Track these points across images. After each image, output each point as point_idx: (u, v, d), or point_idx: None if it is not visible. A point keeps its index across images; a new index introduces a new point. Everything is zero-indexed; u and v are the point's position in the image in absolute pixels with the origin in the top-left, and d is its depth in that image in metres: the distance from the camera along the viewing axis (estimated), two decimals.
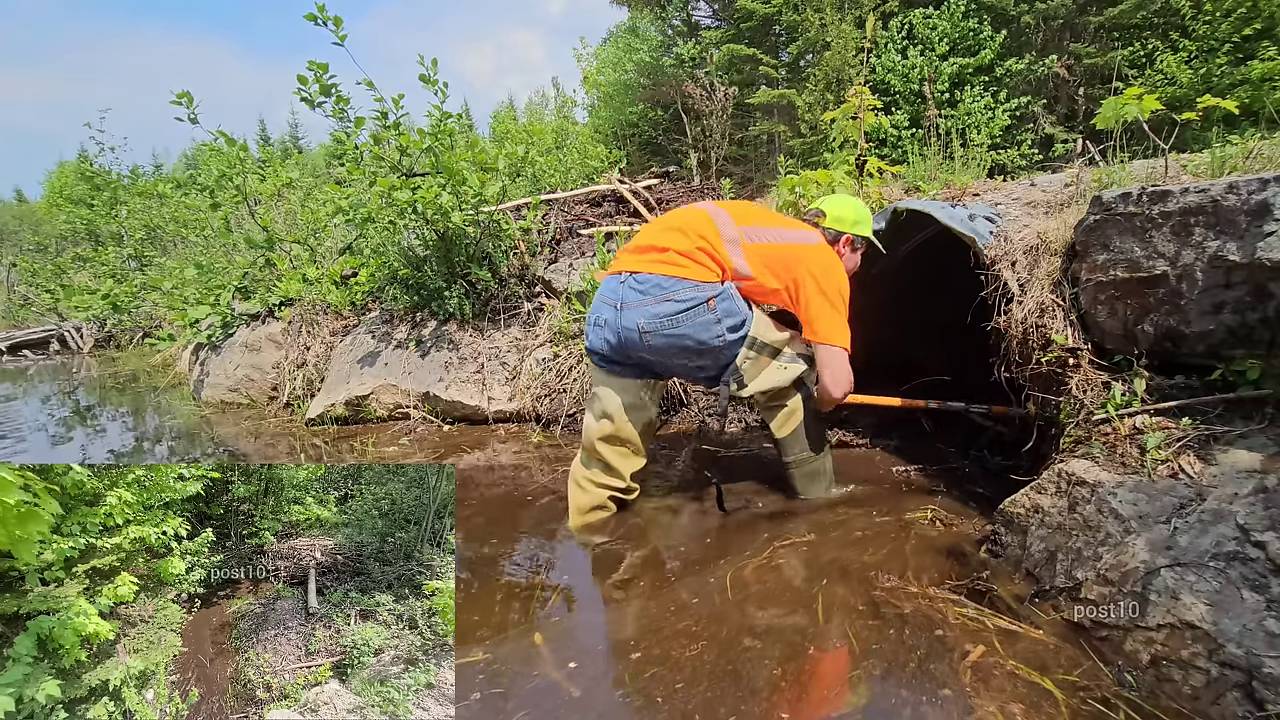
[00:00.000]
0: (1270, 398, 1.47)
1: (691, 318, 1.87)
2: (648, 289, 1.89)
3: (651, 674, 1.37)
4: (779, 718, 1.23)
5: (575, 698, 1.32)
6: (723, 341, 1.91)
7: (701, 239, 1.95)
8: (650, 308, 1.88)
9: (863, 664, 1.36)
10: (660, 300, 1.88)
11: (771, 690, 1.30)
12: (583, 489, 2.13)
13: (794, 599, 1.61)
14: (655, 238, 2.00)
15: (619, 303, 1.93)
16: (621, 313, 1.92)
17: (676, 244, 1.95)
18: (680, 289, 1.87)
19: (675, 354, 1.93)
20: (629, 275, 1.94)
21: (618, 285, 1.95)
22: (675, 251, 1.93)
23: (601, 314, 1.98)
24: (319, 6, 3.38)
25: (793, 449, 2.14)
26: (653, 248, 1.97)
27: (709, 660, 1.40)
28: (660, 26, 16.58)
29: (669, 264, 1.92)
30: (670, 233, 1.99)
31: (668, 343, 1.89)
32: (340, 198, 3.79)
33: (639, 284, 1.91)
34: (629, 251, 2.05)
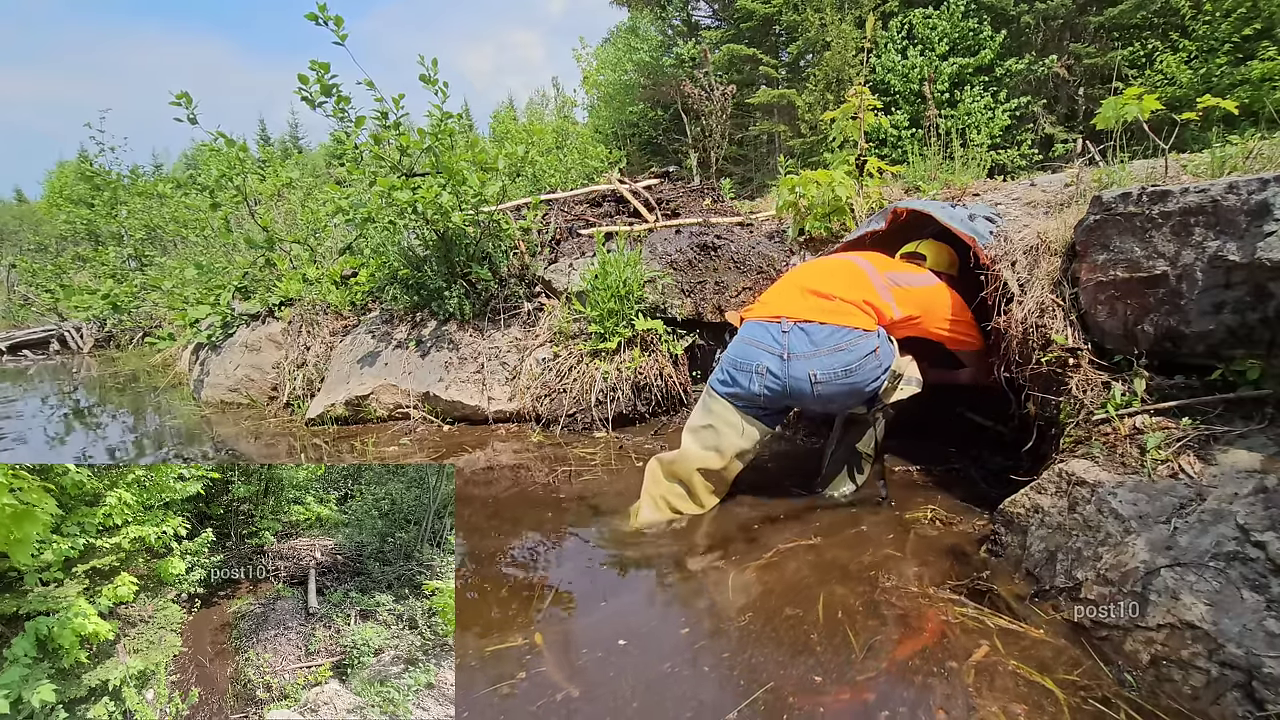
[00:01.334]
0: (1270, 398, 1.47)
1: (862, 366, 1.95)
2: (819, 340, 1.95)
3: (652, 674, 1.37)
4: (780, 718, 1.23)
5: (575, 698, 1.32)
6: (881, 382, 2.02)
7: (861, 288, 2.06)
8: (824, 359, 1.94)
9: (863, 664, 1.36)
10: (834, 351, 1.94)
11: (772, 691, 1.30)
12: (656, 506, 2.14)
13: (796, 600, 1.61)
14: (816, 283, 2.07)
15: (784, 352, 1.96)
16: (789, 363, 1.95)
17: (841, 292, 2.03)
18: (852, 339, 1.95)
19: (842, 398, 2.02)
20: (792, 324, 1.99)
21: (779, 334, 1.99)
22: (841, 300, 2.01)
23: (760, 361, 2.00)
24: (320, 6, 3.38)
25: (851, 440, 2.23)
26: (816, 293, 2.04)
27: (709, 661, 1.40)
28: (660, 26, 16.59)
29: (837, 314, 1.98)
30: (831, 280, 2.07)
31: (839, 390, 1.97)
32: (340, 198, 3.79)
33: (809, 334, 1.96)
34: (782, 295, 2.10)
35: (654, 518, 2.11)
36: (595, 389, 3.25)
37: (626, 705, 1.29)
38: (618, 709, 1.28)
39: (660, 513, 2.12)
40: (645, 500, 2.14)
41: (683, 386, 3.34)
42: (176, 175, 12.86)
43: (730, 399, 2.09)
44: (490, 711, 1.30)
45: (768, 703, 1.26)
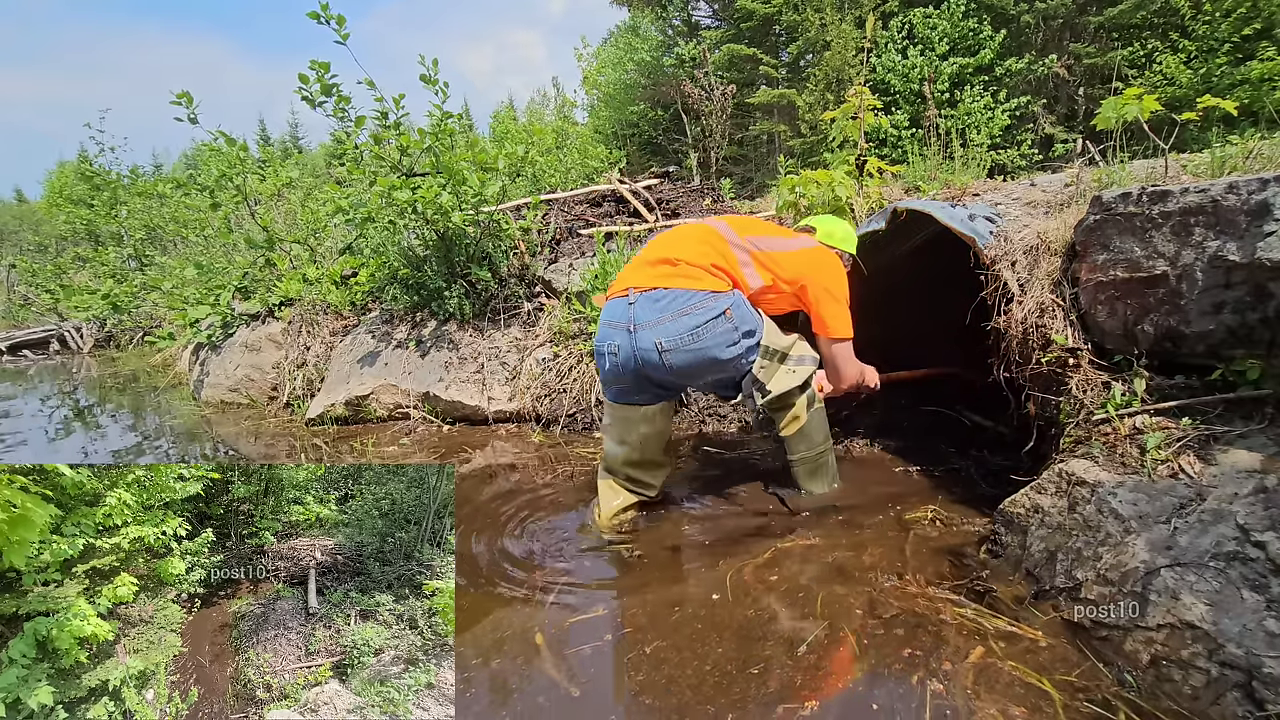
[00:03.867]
0: (1270, 398, 1.47)
1: (711, 329, 1.84)
2: (663, 305, 1.84)
3: (651, 674, 1.37)
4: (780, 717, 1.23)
5: (575, 698, 1.32)
6: (742, 349, 1.91)
7: (713, 251, 1.95)
8: (668, 325, 1.83)
9: (862, 664, 1.36)
10: (678, 315, 1.84)
11: (771, 691, 1.30)
12: (614, 489, 2.15)
13: (795, 600, 1.61)
14: (663, 251, 1.96)
15: (630, 324, 1.86)
16: (636, 335, 1.86)
17: (688, 256, 1.92)
18: (696, 300, 1.84)
19: (697, 369, 1.90)
20: (639, 294, 1.89)
21: (626, 307, 1.90)
22: (687, 264, 1.90)
23: (612, 340, 1.91)
24: (322, 5, 3.39)
25: (798, 447, 2.16)
26: (663, 260, 1.93)
27: (708, 661, 1.40)
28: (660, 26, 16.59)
29: (682, 277, 1.88)
30: (678, 246, 1.97)
31: (690, 359, 1.86)
32: (340, 198, 3.79)
33: (653, 301, 1.85)
34: (632, 268, 2.00)
35: (615, 501, 2.12)
36: (595, 389, 3.25)
37: (627, 705, 1.29)
38: (618, 709, 1.28)
39: (618, 495, 2.14)
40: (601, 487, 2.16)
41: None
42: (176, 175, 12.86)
43: (608, 392, 2.07)
44: (490, 711, 1.30)
45: (768, 702, 1.26)
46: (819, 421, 2.17)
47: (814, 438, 2.16)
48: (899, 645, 1.40)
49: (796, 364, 2.06)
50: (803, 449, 2.16)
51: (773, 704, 1.26)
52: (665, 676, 1.36)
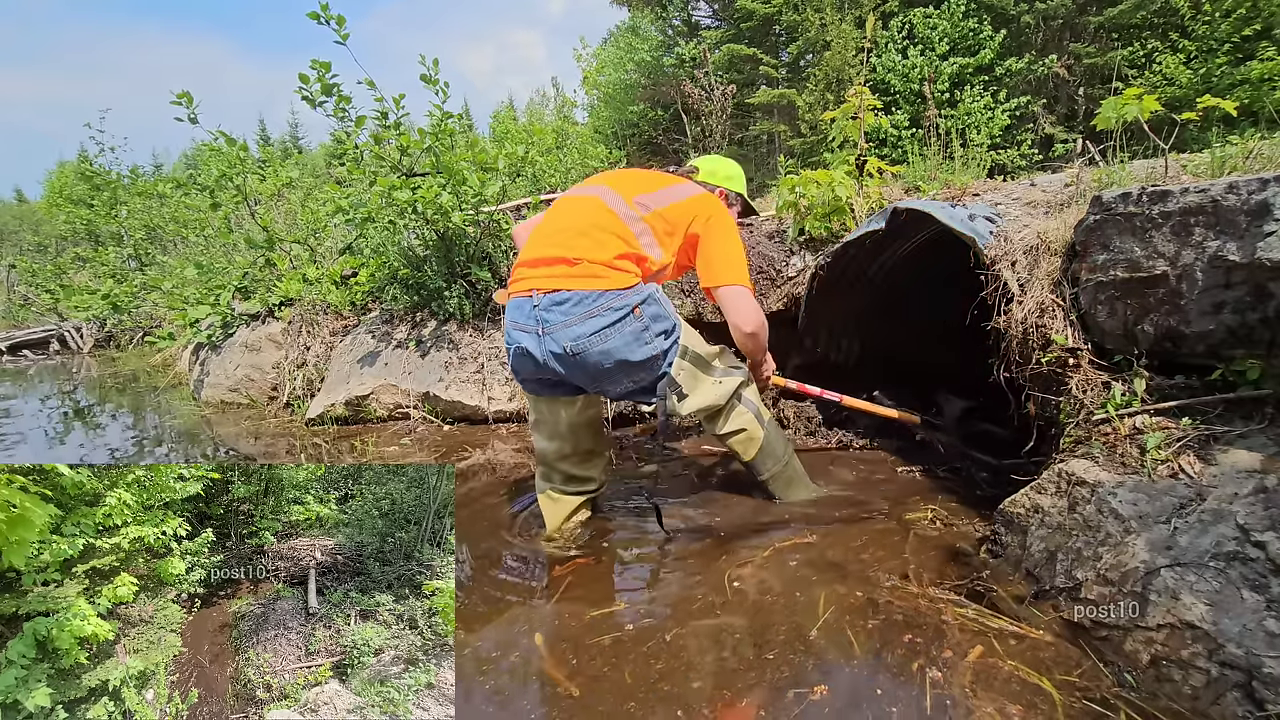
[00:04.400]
0: (1270, 398, 1.47)
1: (619, 330, 1.74)
2: (568, 308, 1.73)
3: (652, 674, 1.37)
4: (779, 717, 1.23)
5: (575, 698, 1.32)
6: (656, 349, 1.81)
7: (615, 238, 1.82)
8: (574, 328, 1.73)
9: (862, 665, 1.36)
10: (584, 318, 1.73)
11: (771, 690, 1.30)
12: (554, 500, 2.06)
13: (794, 598, 1.61)
14: (561, 247, 1.81)
15: (539, 329, 1.76)
16: (544, 339, 1.76)
17: (589, 253, 1.78)
18: (603, 301, 1.73)
19: (609, 372, 1.79)
20: (542, 295, 1.76)
21: (530, 310, 1.78)
22: (588, 261, 1.76)
23: (520, 342, 1.81)
24: (322, 5, 3.39)
25: (764, 466, 2.11)
26: (561, 260, 1.78)
27: (709, 660, 1.40)
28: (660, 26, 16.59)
29: (585, 276, 1.75)
30: (577, 238, 1.81)
31: (599, 360, 1.76)
32: (340, 198, 3.79)
33: (557, 303, 1.74)
34: (531, 264, 1.85)
35: (558, 511, 2.05)
36: None
37: (626, 705, 1.29)
38: (618, 709, 1.28)
39: (560, 505, 2.05)
40: (541, 502, 2.09)
41: None
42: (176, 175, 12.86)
43: (527, 388, 1.97)
44: (490, 711, 1.30)
45: (766, 702, 1.26)
46: (775, 433, 2.11)
47: (776, 451, 2.11)
48: (899, 644, 1.40)
49: (723, 375, 1.97)
50: (769, 465, 2.11)
51: (774, 705, 1.26)
52: (667, 676, 1.36)
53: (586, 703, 1.30)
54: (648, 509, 2.22)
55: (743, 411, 2.03)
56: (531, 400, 2.01)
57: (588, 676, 1.38)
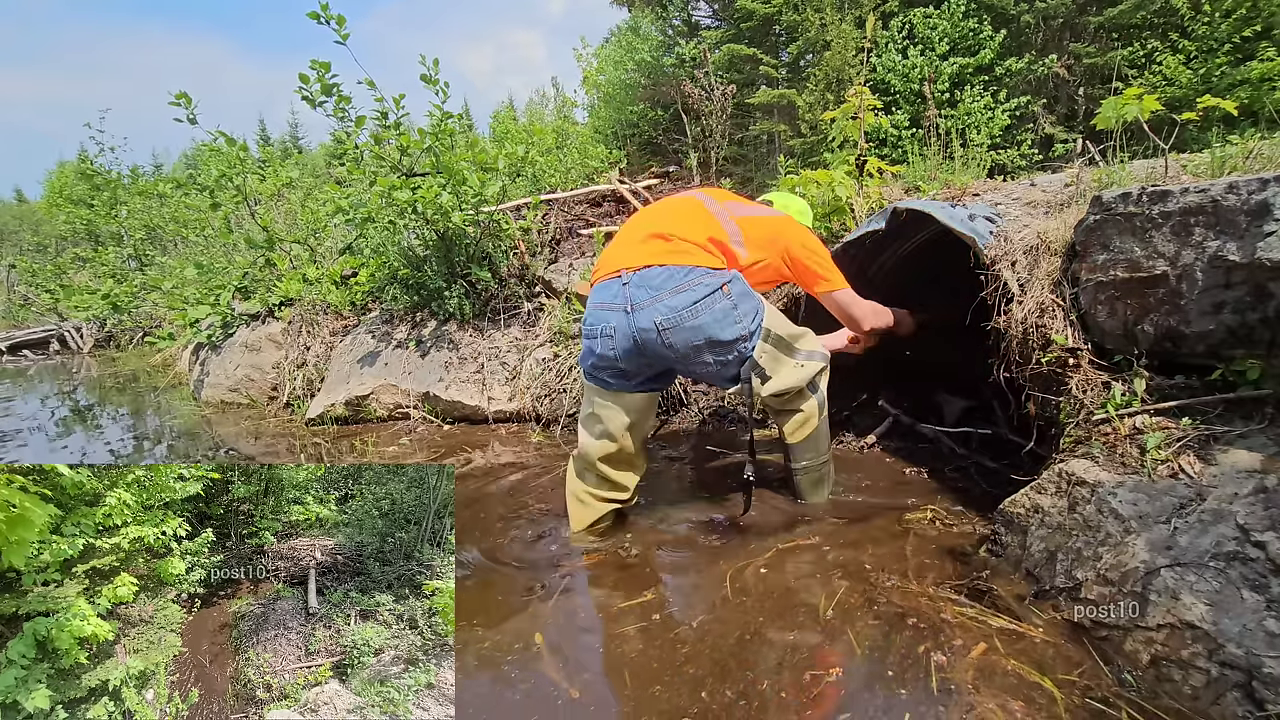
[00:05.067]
0: (1270, 398, 1.47)
1: (709, 305, 1.77)
2: (659, 283, 1.78)
3: (652, 674, 1.37)
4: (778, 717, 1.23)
5: (575, 698, 1.32)
6: (743, 330, 1.83)
7: (704, 225, 1.91)
8: (666, 302, 1.76)
9: (863, 663, 1.36)
10: (675, 292, 1.76)
11: (772, 690, 1.30)
12: (584, 503, 2.06)
13: (796, 599, 1.61)
14: (653, 226, 1.91)
15: (627, 305, 1.80)
16: (634, 315, 1.79)
17: (682, 232, 1.86)
18: (693, 277, 1.78)
19: (696, 349, 1.82)
20: (632, 273, 1.83)
21: (620, 288, 1.83)
22: (680, 239, 1.85)
23: (607, 322, 1.84)
24: (322, 5, 3.39)
25: (804, 454, 2.11)
26: (656, 236, 1.87)
27: (709, 660, 1.40)
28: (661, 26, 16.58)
29: (677, 253, 1.82)
30: (668, 221, 1.91)
31: (688, 337, 1.78)
32: (340, 198, 3.79)
33: (649, 279, 1.80)
34: (621, 247, 1.93)
35: (585, 516, 2.06)
36: None
37: (626, 705, 1.29)
38: (617, 709, 1.28)
39: (588, 509, 2.06)
40: (570, 501, 2.08)
41: (683, 386, 3.34)
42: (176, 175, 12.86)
43: (596, 379, 1.97)
44: (490, 711, 1.30)
45: (767, 701, 1.26)
46: (826, 429, 2.12)
47: (820, 445, 2.12)
48: (900, 644, 1.40)
49: (805, 358, 1.99)
50: (809, 457, 2.11)
51: (774, 705, 1.26)
52: (667, 676, 1.36)
53: (587, 703, 1.30)
54: (646, 510, 2.22)
55: (810, 396, 2.03)
56: (593, 392, 2.01)
57: (588, 677, 1.38)
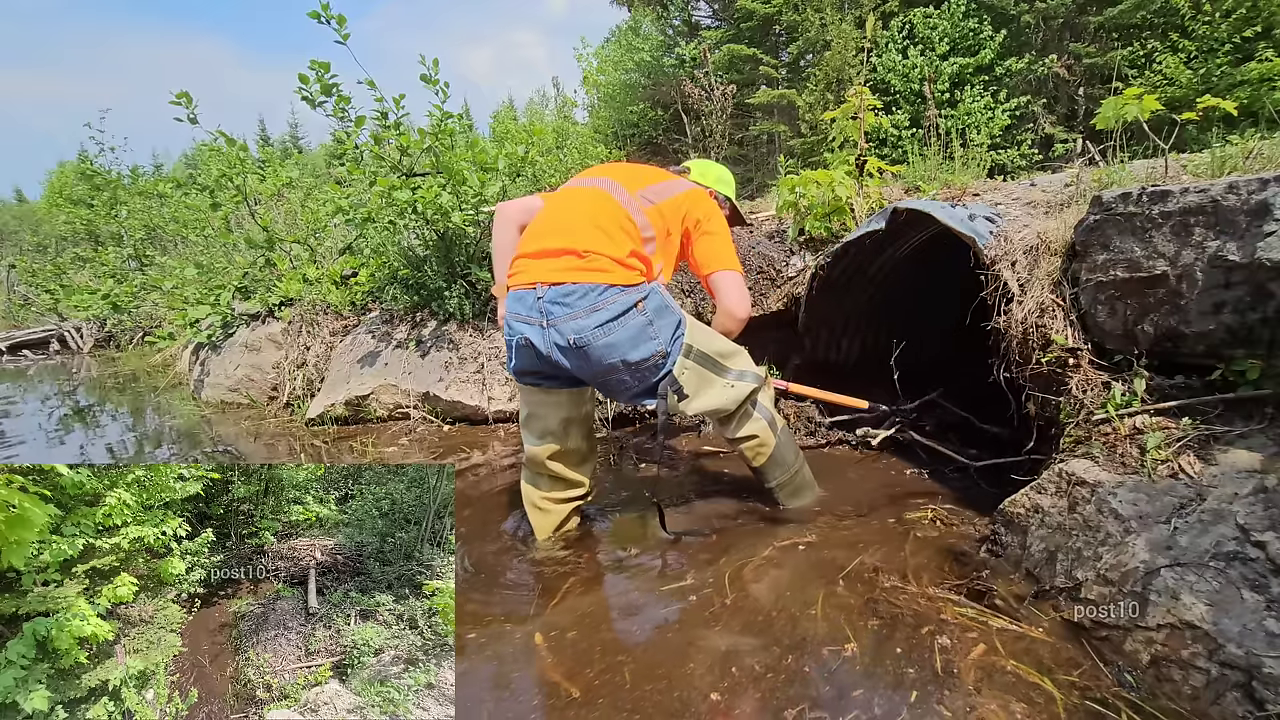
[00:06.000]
0: (1270, 398, 1.47)
1: (623, 324, 1.73)
2: (573, 301, 1.72)
3: (652, 673, 1.37)
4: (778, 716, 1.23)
5: (575, 698, 1.32)
6: (658, 346, 1.78)
7: (625, 234, 1.81)
8: (579, 320, 1.72)
9: (863, 663, 1.36)
10: (590, 311, 1.71)
11: (771, 689, 1.30)
12: (543, 510, 2.04)
13: (794, 598, 1.61)
14: (570, 238, 1.79)
15: (542, 320, 1.75)
16: (548, 331, 1.75)
17: (601, 246, 1.77)
18: (608, 295, 1.72)
19: (611, 367, 1.77)
20: (546, 288, 1.75)
21: (535, 301, 1.76)
22: (595, 253, 1.76)
23: (524, 333, 1.79)
24: (322, 5, 3.38)
25: (773, 474, 2.09)
26: (569, 251, 1.77)
27: (709, 660, 1.40)
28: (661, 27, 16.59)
29: (591, 270, 1.74)
30: (587, 231, 1.80)
31: (601, 355, 1.74)
32: (340, 198, 3.79)
33: (562, 296, 1.73)
34: (535, 256, 1.82)
35: (548, 522, 2.03)
36: None
37: (626, 705, 1.29)
38: (617, 709, 1.28)
39: (549, 516, 2.03)
40: (529, 511, 2.06)
41: None
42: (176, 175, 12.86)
43: (525, 382, 1.94)
44: (490, 711, 1.30)
45: (766, 702, 1.26)
46: (787, 442, 2.09)
47: (785, 460, 2.08)
48: (900, 644, 1.40)
49: (736, 378, 1.93)
50: (778, 474, 2.08)
51: (775, 704, 1.26)
52: (665, 676, 1.36)
53: (587, 703, 1.30)
54: (646, 511, 2.22)
55: (756, 418, 1.99)
56: (526, 394, 1.99)
57: (588, 677, 1.38)
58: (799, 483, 2.14)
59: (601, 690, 1.34)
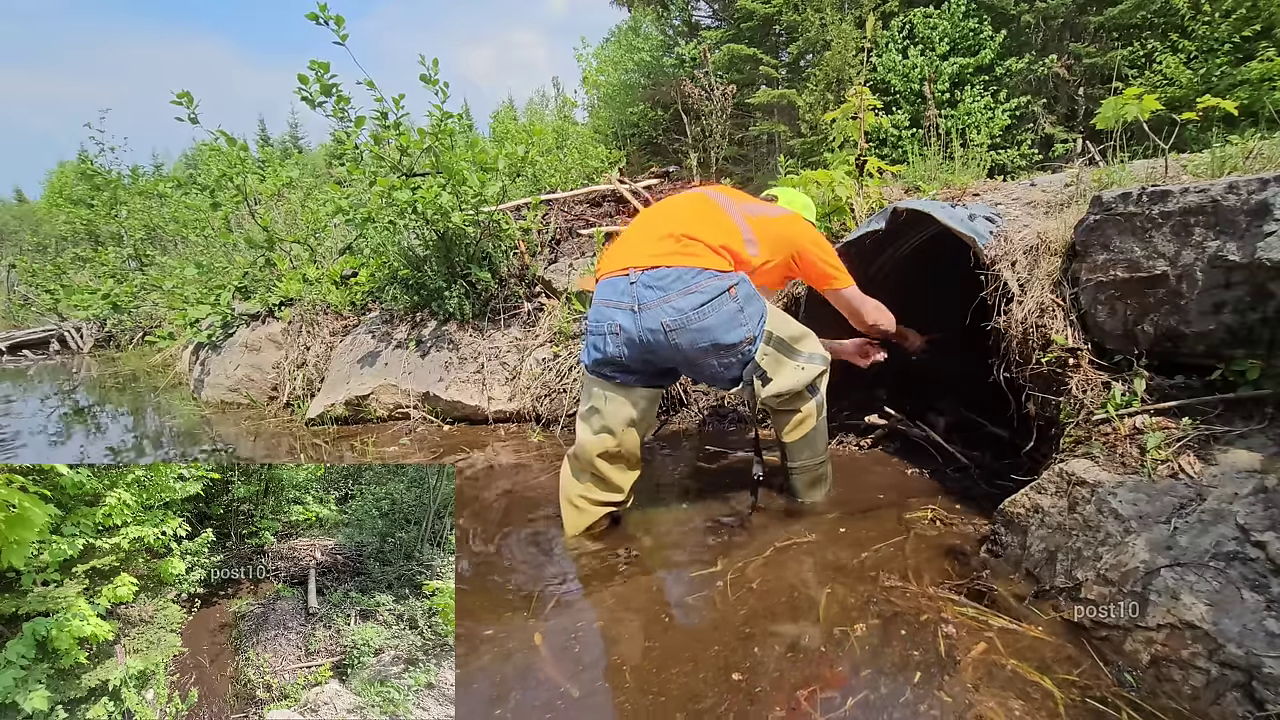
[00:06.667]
0: (1270, 398, 1.47)
1: (716, 308, 1.78)
2: (667, 284, 1.78)
3: (651, 674, 1.37)
4: (779, 717, 1.23)
5: (575, 698, 1.32)
6: (747, 333, 1.84)
7: (715, 226, 1.91)
8: (673, 303, 1.77)
9: (863, 663, 1.36)
10: (683, 294, 1.77)
11: (772, 689, 1.30)
12: (579, 509, 2.04)
13: (795, 599, 1.61)
14: (664, 226, 1.89)
15: (634, 304, 1.80)
16: (640, 315, 1.79)
17: (695, 232, 1.86)
18: (702, 279, 1.78)
19: (703, 351, 1.82)
20: (639, 273, 1.81)
21: (628, 286, 1.82)
22: (689, 239, 1.84)
23: (613, 319, 1.84)
24: (321, 6, 3.38)
25: (800, 454, 2.10)
26: (667, 236, 1.86)
27: (709, 660, 1.40)
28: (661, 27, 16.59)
29: (686, 255, 1.81)
30: (679, 220, 1.90)
31: (694, 339, 1.79)
32: (340, 198, 3.79)
33: (656, 280, 1.79)
34: (630, 245, 1.92)
35: (580, 521, 2.03)
36: None
37: (626, 705, 1.29)
38: (617, 709, 1.28)
39: (583, 515, 2.03)
40: (564, 506, 2.06)
41: (683, 386, 3.34)
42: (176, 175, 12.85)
43: (598, 374, 1.96)
44: (490, 711, 1.30)
45: (766, 702, 1.26)
46: (824, 430, 2.12)
47: (818, 445, 2.11)
48: (900, 644, 1.40)
49: (806, 360, 1.98)
50: (806, 456, 2.10)
51: (775, 704, 1.26)
52: (666, 676, 1.36)
53: (587, 703, 1.30)
54: (645, 510, 2.22)
55: (808, 397, 2.02)
56: (596, 386, 1.99)
57: (588, 677, 1.38)
58: (820, 474, 2.16)
59: (602, 690, 1.34)
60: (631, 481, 2.09)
